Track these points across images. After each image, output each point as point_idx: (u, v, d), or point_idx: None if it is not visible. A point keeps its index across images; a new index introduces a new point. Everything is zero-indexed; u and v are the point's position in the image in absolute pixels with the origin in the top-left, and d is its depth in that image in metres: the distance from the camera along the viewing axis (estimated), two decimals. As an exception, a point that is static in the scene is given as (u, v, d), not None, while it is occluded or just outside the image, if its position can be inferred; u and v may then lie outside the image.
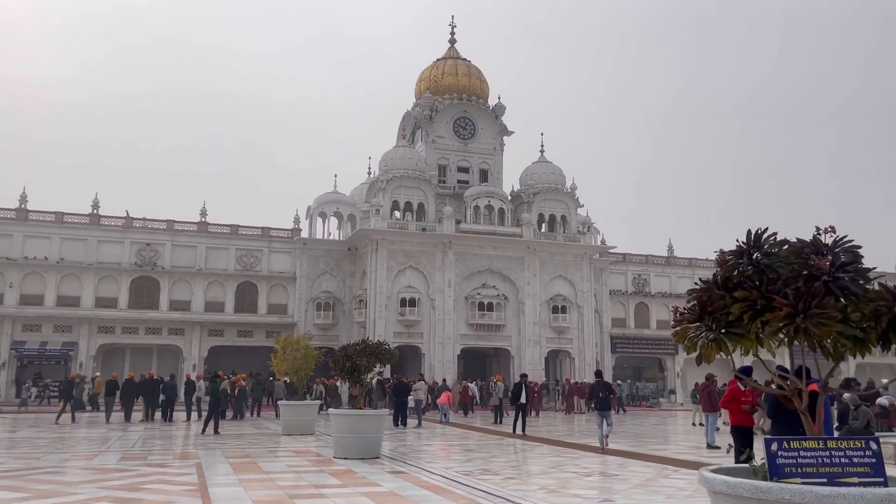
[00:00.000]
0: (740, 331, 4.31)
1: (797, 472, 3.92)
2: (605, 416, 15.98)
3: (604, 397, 16.07)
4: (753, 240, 4.43)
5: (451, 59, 55.28)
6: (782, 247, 4.37)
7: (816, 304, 3.94)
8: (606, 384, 16.47)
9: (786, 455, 3.97)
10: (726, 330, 4.29)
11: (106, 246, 45.84)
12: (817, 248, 4.29)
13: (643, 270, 57.09)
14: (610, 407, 16.08)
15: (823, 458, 3.96)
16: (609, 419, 15.97)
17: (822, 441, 4.04)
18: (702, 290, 4.51)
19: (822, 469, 3.93)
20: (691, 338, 4.46)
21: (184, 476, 11.10)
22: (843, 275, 4.10)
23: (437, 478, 11.23)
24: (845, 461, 3.95)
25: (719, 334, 4.30)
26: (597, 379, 16.61)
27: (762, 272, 4.35)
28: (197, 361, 45.58)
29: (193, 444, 17.31)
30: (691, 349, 4.48)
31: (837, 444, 4.02)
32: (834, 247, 4.26)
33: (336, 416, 14.15)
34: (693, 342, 4.44)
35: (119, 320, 45.29)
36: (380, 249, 45.18)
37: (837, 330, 3.98)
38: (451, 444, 18.33)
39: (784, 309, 3.97)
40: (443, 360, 45.11)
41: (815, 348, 4.07)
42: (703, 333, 4.39)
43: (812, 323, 3.92)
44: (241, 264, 48.31)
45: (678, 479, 11.32)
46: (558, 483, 10.77)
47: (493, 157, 52.82)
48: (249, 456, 14.31)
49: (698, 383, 23.45)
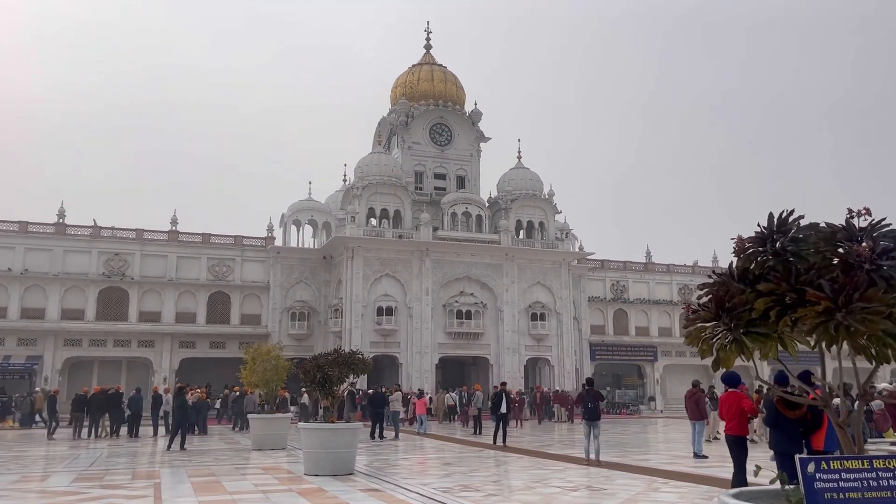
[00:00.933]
0: (764, 330, 3.65)
1: (839, 499, 3.27)
2: (593, 426, 15.32)
3: (593, 407, 15.40)
4: (777, 224, 3.79)
5: (427, 65, 54.77)
6: (810, 232, 3.74)
7: (860, 296, 3.31)
8: (596, 393, 15.79)
9: (825, 478, 3.32)
10: (748, 329, 3.64)
11: (72, 256, 44.48)
12: (851, 233, 3.66)
13: (621, 277, 56.82)
14: (599, 417, 15.42)
15: (869, 481, 3.32)
16: (597, 430, 15.31)
17: (866, 461, 3.40)
18: (718, 283, 3.86)
19: (868, 494, 3.29)
20: (706, 339, 3.80)
21: (138, 500, 10.23)
22: (885, 263, 3.48)
23: (413, 496, 10.49)
24: (895, 484, 3.32)
25: (740, 334, 3.64)
26: (586, 387, 15.93)
27: (788, 261, 3.70)
28: (168, 374, 44.30)
29: (157, 461, 16.37)
30: (706, 352, 3.82)
31: (886, 463, 3.38)
32: (871, 231, 3.64)
33: (306, 431, 13.32)
34: (709, 344, 3.78)
35: (86, 333, 43.89)
36: (355, 257, 44.34)
37: (883, 328, 3.35)
38: (429, 458, 17.59)
39: (822, 303, 3.33)
40: (420, 369, 44.33)
41: (858, 349, 3.44)
42: (720, 334, 3.74)
43: (856, 319, 3.28)
44: (213, 274, 47.17)
45: (669, 493, 10.70)
46: (542, 500, 10.08)
47: (470, 164, 52.30)
48: (215, 474, 13.44)
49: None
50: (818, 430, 8.75)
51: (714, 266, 59.88)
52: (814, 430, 8.70)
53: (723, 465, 14.72)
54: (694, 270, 59.24)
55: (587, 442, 15.48)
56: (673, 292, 57.52)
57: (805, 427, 8.65)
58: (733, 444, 9.41)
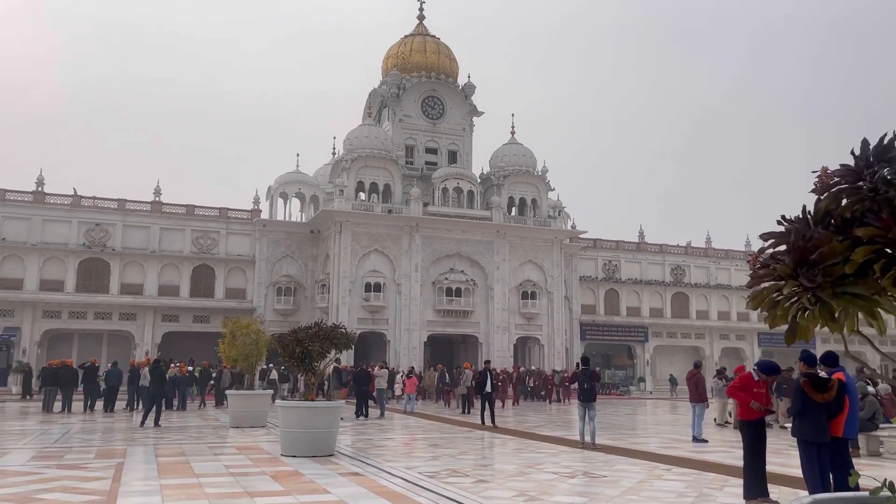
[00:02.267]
0: (861, 290, 2.72)
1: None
2: (588, 407, 14.51)
3: (589, 388, 14.56)
4: (876, 151, 2.84)
5: (420, 36, 53.38)
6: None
7: None
8: (592, 372, 14.92)
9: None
10: (842, 289, 2.70)
11: (51, 226, 43.20)
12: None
13: (613, 256, 56.06)
14: (595, 398, 14.59)
15: None
16: (592, 412, 14.51)
17: None
18: (794, 229, 2.91)
19: None
20: (780, 303, 2.86)
21: (95, 482, 9.33)
22: None
23: (397, 481, 9.64)
24: None
25: (831, 295, 2.71)
26: (581, 367, 15.05)
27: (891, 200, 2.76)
28: (150, 348, 43.30)
29: (127, 438, 15.46)
30: (779, 320, 2.88)
31: None
32: None
33: (283, 409, 12.43)
34: (784, 310, 2.85)
35: (66, 304, 42.76)
36: (344, 232, 43.31)
37: None
38: (416, 439, 16.77)
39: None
40: (409, 347, 43.56)
41: None
42: (799, 295, 2.80)
43: None
44: (197, 246, 46.03)
45: (673, 481, 9.90)
46: (538, 487, 9.26)
47: (462, 138, 51.16)
48: (185, 454, 12.55)
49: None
50: (839, 415, 7.96)
51: (707, 247, 59.32)
52: (834, 416, 7.90)
53: (724, 451, 14.01)
54: (687, 251, 58.60)
55: (582, 424, 14.70)
56: (665, 273, 56.88)
57: (828, 412, 7.85)
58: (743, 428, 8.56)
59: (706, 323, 56.84)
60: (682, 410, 29.10)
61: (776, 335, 59.40)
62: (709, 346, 57.06)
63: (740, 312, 58.05)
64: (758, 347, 58.26)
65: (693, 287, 57.16)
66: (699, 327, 56.81)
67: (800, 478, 10.13)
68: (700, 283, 57.62)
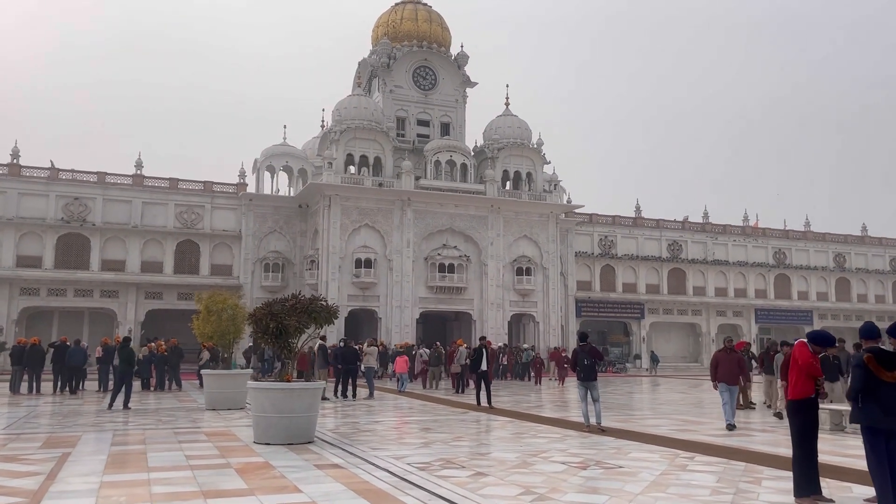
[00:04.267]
0: None
1: None
2: (589, 387, 13.18)
3: (589, 365, 13.21)
4: None
5: (411, 4, 51.43)
6: None
7: None
8: (593, 349, 13.53)
9: None
10: None
11: (28, 200, 41.50)
12: None
13: (610, 232, 54.69)
14: (595, 377, 13.25)
15: None
16: (595, 392, 13.20)
17: None
18: None
19: None
20: None
21: (26, 478, 7.96)
22: None
23: (382, 474, 8.31)
24: None
25: None
26: (580, 343, 13.67)
27: None
28: (133, 326, 41.88)
29: (88, 423, 14.09)
30: None
31: None
32: None
33: (255, 392, 11.06)
34: None
35: (44, 281, 41.19)
36: (333, 206, 41.76)
37: None
38: (406, 422, 15.45)
39: None
40: (400, 324, 42.26)
41: None
42: None
43: None
44: (181, 221, 44.41)
45: (702, 473, 8.59)
46: (546, 482, 7.93)
47: (455, 110, 49.46)
48: (146, 441, 11.19)
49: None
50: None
51: (704, 221, 58.02)
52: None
53: (748, 436, 12.76)
54: (684, 226, 57.32)
55: (584, 405, 13.40)
56: (662, 248, 55.63)
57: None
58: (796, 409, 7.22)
59: (703, 299, 55.74)
60: (681, 388, 27.95)
61: (774, 311, 58.53)
62: (705, 322, 56.02)
63: (737, 288, 56.99)
64: (755, 324, 57.31)
65: (690, 263, 55.96)
66: (696, 303, 55.71)
67: (849, 468, 8.89)
68: (697, 258, 56.42)
